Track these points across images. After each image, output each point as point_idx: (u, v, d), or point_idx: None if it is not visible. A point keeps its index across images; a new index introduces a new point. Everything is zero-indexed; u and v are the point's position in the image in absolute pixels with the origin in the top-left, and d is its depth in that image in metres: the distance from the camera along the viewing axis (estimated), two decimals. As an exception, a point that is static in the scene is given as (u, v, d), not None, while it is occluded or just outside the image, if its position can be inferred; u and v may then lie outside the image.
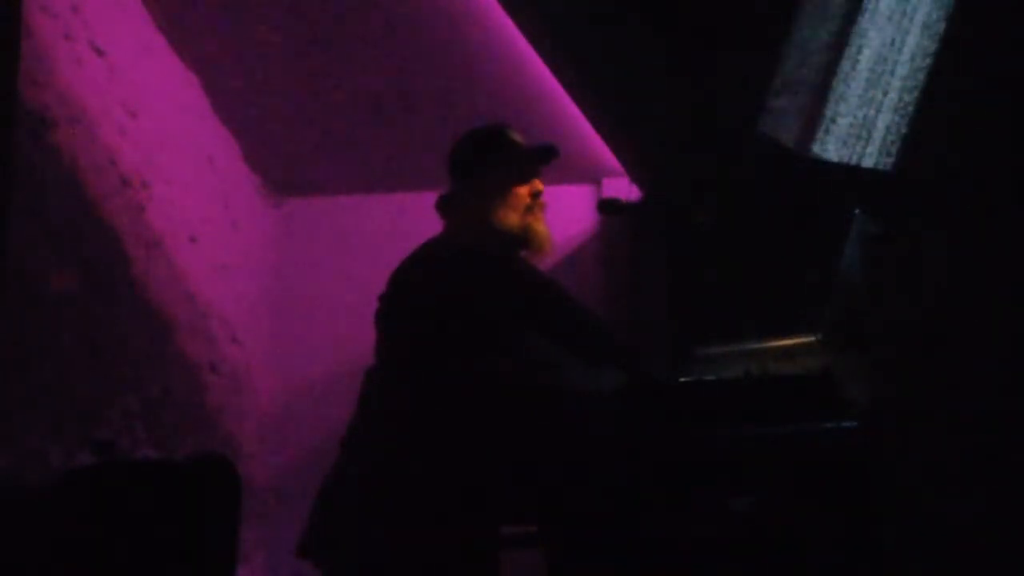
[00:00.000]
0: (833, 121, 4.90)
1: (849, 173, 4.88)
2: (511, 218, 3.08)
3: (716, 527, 2.61)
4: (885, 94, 4.86)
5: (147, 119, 4.70)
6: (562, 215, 4.23)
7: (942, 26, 4.81)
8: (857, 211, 3.08)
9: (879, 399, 2.87)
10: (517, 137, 3.16)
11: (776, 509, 2.60)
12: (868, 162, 4.88)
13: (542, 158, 3.15)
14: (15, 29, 2.99)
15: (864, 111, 4.88)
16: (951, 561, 4.01)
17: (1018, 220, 4.52)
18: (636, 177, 5.33)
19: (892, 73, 4.85)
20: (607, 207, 3.34)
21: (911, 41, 4.83)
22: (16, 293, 3.83)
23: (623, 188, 5.27)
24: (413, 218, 3.56)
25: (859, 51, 4.88)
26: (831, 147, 4.91)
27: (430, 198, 3.19)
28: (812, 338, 3.09)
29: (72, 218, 4.26)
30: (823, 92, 4.93)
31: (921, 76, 4.84)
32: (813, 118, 4.94)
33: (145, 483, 2.49)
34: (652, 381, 2.92)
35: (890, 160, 4.86)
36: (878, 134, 4.87)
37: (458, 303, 2.91)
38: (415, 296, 2.97)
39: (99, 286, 4.39)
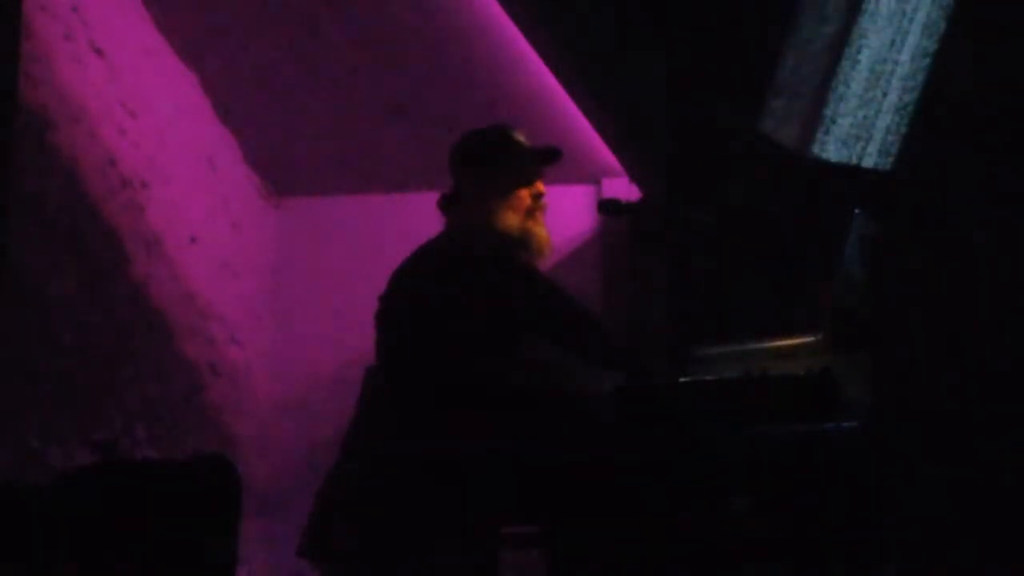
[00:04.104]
0: (833, 122, 4.90)
1: (849, 173, 4.88)
2: (512, 220, 3.07)
3: (716, 527, 2.61)
4: (885, 94, 4.86)
5: (147, 119, 4.70)
6: (562, 215, 4.22)
7: (942, 26, 4.82)
8: (857, 211, 3.08)
9: (879, 399, 2.87)
10: (520, 137, 3.15)
11: (776, 509, 2.60)
12: (868, 162, 4.88)
13: (545, 159, 3.15)
14: (15, 29, 3.00)
15: (864, 111, 4.88)
16: (952, 561, 4.01)
17: (1018, 220, 4.52)
18: (636, 177, 5.32)
19: (892, 73, 4.86)
20: (607, 207, 3.34)
21: (911, 41, 4.83)
22: (16, 293, 3.83)
23: (623, 188, 5.26)
24: (413, 218, 3.56)
25: (859, 51, 4.88)
26: (831, 148, 4.91)
27: (430, 198, 3.18)
28: (812, 338, 3.09)
29: (72, 218, 4.26)
30: (823, 92, 4.93)
31: (921, 76, 4.84)
32: (813, 119, 4.94)
33: (145, 483, 2.49)
34: (651, 381, 2.92)
35: (890, 160, 4.86)
36: (878, 134, 4.87)
37: (458, 303, 2.91)
38: (415, 296, 2.97)
39: (99, 286, 4.39)
